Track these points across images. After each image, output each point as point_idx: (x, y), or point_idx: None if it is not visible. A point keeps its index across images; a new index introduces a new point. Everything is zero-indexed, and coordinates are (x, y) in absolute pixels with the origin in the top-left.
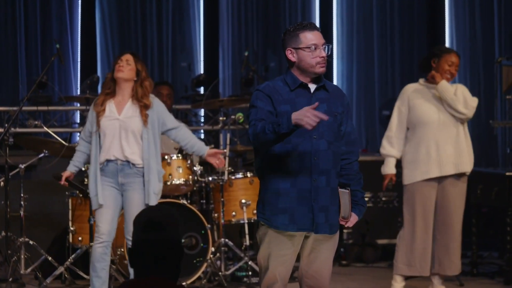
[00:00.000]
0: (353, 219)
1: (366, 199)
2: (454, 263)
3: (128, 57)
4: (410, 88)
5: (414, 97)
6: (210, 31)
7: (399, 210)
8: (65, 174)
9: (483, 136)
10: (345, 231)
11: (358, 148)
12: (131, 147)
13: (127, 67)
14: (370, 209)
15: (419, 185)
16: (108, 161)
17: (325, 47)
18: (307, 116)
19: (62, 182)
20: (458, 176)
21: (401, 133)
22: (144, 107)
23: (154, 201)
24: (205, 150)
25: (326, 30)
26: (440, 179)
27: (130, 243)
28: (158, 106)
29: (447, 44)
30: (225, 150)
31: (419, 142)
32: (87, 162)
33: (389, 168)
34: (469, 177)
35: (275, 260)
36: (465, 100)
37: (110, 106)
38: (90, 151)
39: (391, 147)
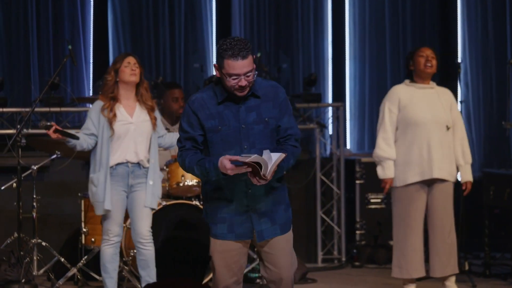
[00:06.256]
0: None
1: (378, 200)
2: (444, 265)
3: (134, 60)
4: (399, 88)
5: (405, 97)
6: (222, 32)
7: None
8: (54, 124)
9: (495, 137)
10: (357, 232)
11: (298, 138)
12: (143, 150)
13: (137, 71)
14: (383, 210)
15: (412, 187)
16: (117, 164)
17: (248, 75)
18: (226, 170)
19: (52, 131)
20: (446, 180)
21: (393, 135)
22: (151, 110)
23: (156, 204)
24: None
25: (338, 31)
26: (430, 182)
27: (140, 245)
28: (157, 112)
29: (459, 45)
30: None
31: (411, 143)
32: (79, 149)
33: (390, 172)
34: (481, 178)
35: (225, 268)
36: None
37: (120, 111)
38: (85, 146)
39: (390, 149)
